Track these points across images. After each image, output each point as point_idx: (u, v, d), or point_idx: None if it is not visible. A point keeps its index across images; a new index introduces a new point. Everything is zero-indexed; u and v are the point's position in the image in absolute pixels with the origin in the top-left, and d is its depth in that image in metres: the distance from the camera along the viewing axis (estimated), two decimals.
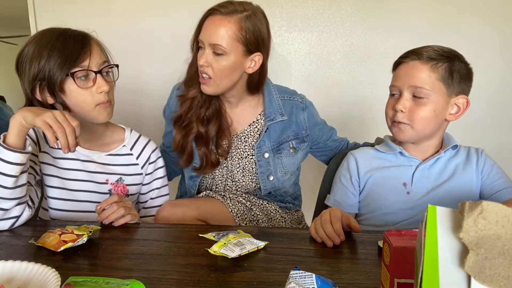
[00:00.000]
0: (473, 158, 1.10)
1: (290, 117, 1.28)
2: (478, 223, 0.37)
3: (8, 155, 0.90)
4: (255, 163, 1.28)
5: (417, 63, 1.03)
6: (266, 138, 1.27)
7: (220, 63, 1.14)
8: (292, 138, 1.30)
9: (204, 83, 1.17)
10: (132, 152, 1.18)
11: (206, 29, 1.14)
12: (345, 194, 1.17)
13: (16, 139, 0.91)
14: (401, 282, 0.53)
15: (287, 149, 1.30)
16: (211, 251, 0.81)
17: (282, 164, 1.30)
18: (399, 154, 1.12)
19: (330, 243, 0.87)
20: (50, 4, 2.04)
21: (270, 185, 1.29)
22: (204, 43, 1.14)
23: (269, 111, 1.27)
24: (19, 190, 0.95)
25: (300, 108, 1.30)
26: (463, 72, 1.03)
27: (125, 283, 0.63)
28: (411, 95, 1.03)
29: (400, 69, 1.07)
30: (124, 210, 0.99)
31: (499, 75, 1.95)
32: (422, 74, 1.01)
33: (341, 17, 1.97)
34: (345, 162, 1.21)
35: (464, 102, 1.05)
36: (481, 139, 1.94)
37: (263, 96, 1.29)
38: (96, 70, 1.01)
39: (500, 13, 1.91)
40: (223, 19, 1.12)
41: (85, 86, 1.00)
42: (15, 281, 0.67)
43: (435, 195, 1.07)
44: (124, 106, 2.00)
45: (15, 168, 0.91)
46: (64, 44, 0.98)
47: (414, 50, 1.06)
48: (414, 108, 1.03)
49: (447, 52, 1.04)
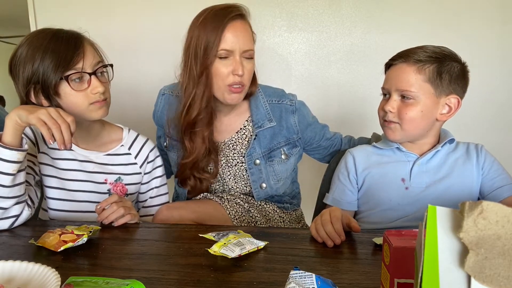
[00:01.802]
0: (472, 153, 1.11)
1: (279, 122, 1.25)
2: (478, 223, 0.37)
3: (5, 153, 0.90)
4: (245, 170, 1.26)
5: (404, 66, 1.05)
6: (256, 145, 1.24)
7: (251, 66, 1.15)
8: (283, 144, 1.27)
9: (239, 91, 1.14)
10: (130, 151, 1.18)
11: (235, 37, 1.10)
12: (344, 192, 1.17)
13: (12, 138, 0.91)
14: (401, 282, 0.53)
15: (278, 156, 1.27)
16: (211, 251, 0.81)
17: (274, 172, 1.27)
18: (397, 149, 1.13)
19: (330, 243, 0.87)
20: (50, 4, 2.05)
21: (263, 193, 1.27)
22: (235, 51, 1.10)
23: (256, 118, 1.24)
24: (17, 188, 0.95)
25: (290, 111, 1.26)
26: (454, 72, 1.04)
27: (125, 283, 0.63)
28: (399, 96, 1.06)
29: (389, 71, 1.10)
30: (124, 210, 0.99)
31: (498, 75, 1.95)
32: (408, 77, 1.04)
33: (341, 17, 1.97)
34: (343, 160, 1.21)
35: (455, 102, 1.06)
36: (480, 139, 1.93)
37: (248, 101, 1.26)
38: (90, 72, 1.00)
39: (500, 14, 1.91)
40: (245, 23, 1.13)
41: (79, 88, 1.00)
42: (15, 281, 0.67)
43: (434, 190, 1.07)
44: (122, 106, 2.01)
45: (12, 166, 0.92)
46: (57, 46, 0.97)
47: (403, 53, 1.07)
48: (402, 109, 1.05)
49: (437, 53, 1.04)
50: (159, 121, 1.33)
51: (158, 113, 1.32)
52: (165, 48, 1.99)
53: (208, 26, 1.10)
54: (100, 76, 1.04)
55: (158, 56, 2.03)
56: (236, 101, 1.17)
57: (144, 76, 2.05)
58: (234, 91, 1.13)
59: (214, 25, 1.09)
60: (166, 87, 1.31)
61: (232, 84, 1.12)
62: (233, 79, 1.11)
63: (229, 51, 1.10)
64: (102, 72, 1.05)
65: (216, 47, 1.09)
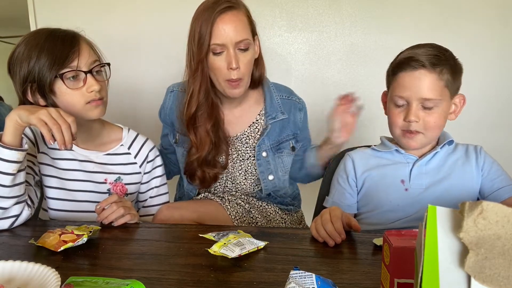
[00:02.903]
0: (472, 155, 1.10)
1: (289, 116, 1.28)
2: (478, 223, 0.37)
3: (5, 153, 0.91)
4: (255, 163, 1.27)
5: (424, 73, 0.99)
6: (265, 137, 1.26)
7: (248, 58, 1.14)
8: (291, 137, 1.30)
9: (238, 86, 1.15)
10: (130, 151, 1.18)
11: (225, 30, 1.08)
12: (343, 195, 1.16)
13: (12, 138, 0.92)
14: (401, 282, 0.53)
15: (287, 148, 1.30)
16: (211, 251, 0.81)
17: (283, 164, 1.29)
18: (396, 152, 1.12)
19: (331, 242, 0.87)
20: (50, 4, 2.04)
21: (271, 185, 1.28)
22: (227, 44, 1.09)
23: (270, 109, 1.26)
24: (17, 188, 0.95)
25: (297, 108, 1.30)
26: (456, 69, 1.03)
27: (125, 283, 0.63)
28: (420, 105, 1.02)
29: (403, 78, 1.02)
30: (124, 210, 1.00)
31: (498, 75, 1.95)
32: (431, 85, 0.99)
33: (341, 17, 1.97)
34: (341, 163, 1.21)
35: (461, 99, 1.06)
36: (480, 139, 1.93)
37: (263, 93, 1.27)
38: (86, 70, 1.00)
39: (499, 14, 1.91)
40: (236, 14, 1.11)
41: (75, 86, 1.00)
42: (15, 281, 0.67)
43: (434, 191, 1.07)
44: (122, 106, 2.01)
45: (12, 166, 0.92)
46: (53, 45, 0.98)
47: (412, 56, 1.01)
48: (426, 117, 1.02)
49: (442, 52, 1.02)
50: (168, 118, 1.32)
51: (166, 110, 1.31)
52: (166, 47, 1.99)
53: (200, 21, 1.10)
54: (96, 75, 1.03)
55: (158, 56, 2.03)
56: (238, 95, 1.17)
57: (144, 75, 2.05)
58: (234, 86, 1.14)
59: (204, 19, 1.09)
60: (175, 84, 1.32)
61: (229, 79, 1.12)
62: (229, 74, 1.11)
63: (221, 45, 1.09)
64: (99, 71, 1.05)
65: (208, 42, 1.09)
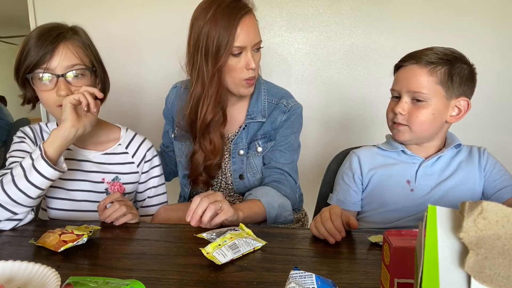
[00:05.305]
0: (475, 156, 1.11)
1: (269, 118, 1.24)
2: (478, 223, 0.36)
3: (45, 169, 0.91)
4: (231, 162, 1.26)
5: (416, 67, 1.04)
6: (243, 135, 1.24)
7: (259, 57, 1.18)
8: (260, 137, 1.24)
9: (253, 83, 1.18)
10: (128, 150, 1.18)
11: (247, 33, 1.10)
12: (348, 192, 1.17)
13: (55, 153, 0.93)
14: (401, 282, 0.53)
15: (253, 149, 1.25)
16: (204, 252, 0.79)
17: (250, 165, 1.26)
18: (402, 152, 1.12)
19: (331, 239, 0.87)
20: (50, 4, 2.05)
21: (242, 185, 1.26)
22: (247, 46, 1.11)
23: (252, 110, 1.24)
24: (38, 200, 0.97)
25: (281, 110, 1.23)
26: (464, 74, 1.03)
27: (125, 283, 0.63)
28: (410, 98, 1.05)
29: (399, 72, 1.09)
30: (126, 209, 1.00)
31: (498, 75, 1.95)
32: (420, 78, 1.03)
33: (341, 17, 1.98)
34: (347, 160, 1.21)
35: (465, 104, 1.06)
36: (480, 139, 1.94)
37: (253, 93, 1.25)
38: (59, 74, 0.99)
39: (499, 14, 1.91)
40: (253, 17, 1.13)
41: (45, 88, 1.00)
42: (15, 281, 0.67)
43: (438, 192, 1.07)
44: (122, 106, 2.01)
45: (45, 183, 0.93)
46: (36, 44, 0.98)
47: (414, 54, 1.06)
48: (413, 111, 1.04)
49: (448, 55, 1.04)
50: (169, 114, 1.32)
51: (169, 105, 1.32)
52: (166, 47, 1.99)
53: (219, 24, 1.07)
54: (73, 79, 1.01)
55: (158, 56, 2.03)
56: (250, 92, 1.20)
57: (144, 75, 2.05)
58: (250, 84, 1.17)
59: (226, 23, 1.07)
60: (179, 82, 1.32)
61: (247, 78, 1.15)
62: (247, 73, 1.14)
63: (242, 47, 1.11)
64: (80, 75, 1.02)
65: (230, 46, 1.09)
